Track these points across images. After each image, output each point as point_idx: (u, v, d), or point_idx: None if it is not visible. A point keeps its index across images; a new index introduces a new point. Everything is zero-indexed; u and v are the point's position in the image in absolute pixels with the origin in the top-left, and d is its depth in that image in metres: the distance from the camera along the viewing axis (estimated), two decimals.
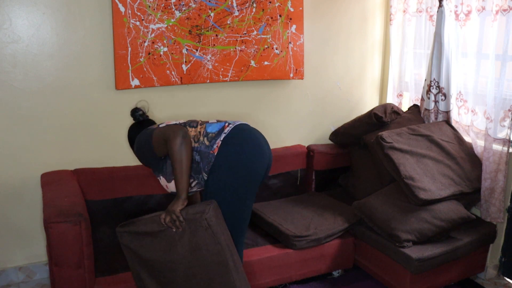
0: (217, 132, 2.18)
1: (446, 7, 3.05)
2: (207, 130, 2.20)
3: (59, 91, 2.79)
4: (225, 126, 2.20)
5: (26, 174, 2.80)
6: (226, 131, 2.17)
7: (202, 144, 2.17)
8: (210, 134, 2.18)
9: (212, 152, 2.14)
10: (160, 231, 2.09)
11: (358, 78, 3.75)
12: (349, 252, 2.94)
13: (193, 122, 2.28)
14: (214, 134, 2.17)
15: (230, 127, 2.19)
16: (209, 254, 2.07)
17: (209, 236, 2.05)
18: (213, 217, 2.04)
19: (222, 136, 2.16)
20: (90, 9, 2.76)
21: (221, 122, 2.24)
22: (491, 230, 2.88)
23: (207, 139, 2.17)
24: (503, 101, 2.84)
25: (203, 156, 2.15)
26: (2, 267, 2.87)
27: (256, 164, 2.17)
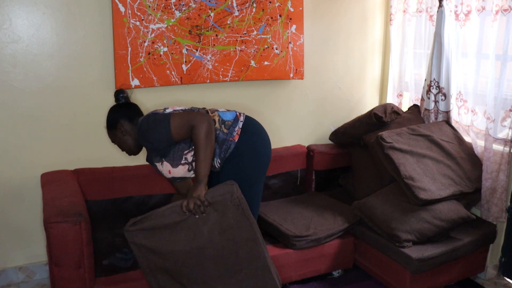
0: (233, 120, 2.29)
1: (446, 7, 3.05)
2: (223, 118, 2.29)
3: (59, 91, 2.79)
4: (238, 115, 2.33)
5: (26, 174, 2.80)
6: (242, 119, 2.31)
7: (220, 131, 2.25)
8: (226, 121, 2.28)
9: (232, 139, 2.24)
10: (181, 221, 2.07)
11: (358, 78, 3.75)
12: (349, 252, 2.94)
13: (202, 110, 2.36)
14: (231, 122, 2.28)
15: (243, 116, 2.33)
16: (240, 232, 2.12)
17: (240, 213, 2.11)
18: (241, 194, 2.12)
19: (240, 124, 2.28)
20: (90, 9, 2.76)
21: (232, 111, 2.35)
22: (491, 230, 2.88)
23: (225, 127, 2.26)
24: (504, 101, 2.84)
25: (220, 143, 2.24)
26: (2, 267, 2.87)
27: (268, 152, 2.35)
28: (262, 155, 2.32)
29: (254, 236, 2.15)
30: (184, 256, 2.11)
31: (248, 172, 2.28)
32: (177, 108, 2.33)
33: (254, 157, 2.29)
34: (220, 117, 2.29)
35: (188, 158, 2.25)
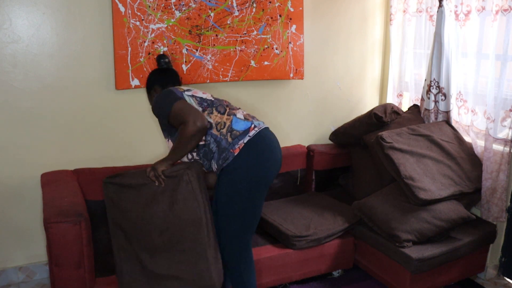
0: (242, 132, 2.18)
1: (446, 7, 3.05)
2: (233, 126, 2.19)
3: (59, 91, 2.79)
4: (251, 128, 2.20)
5: (26, 174, 2.80)
6: (251, 134, 2.18)
7: (224, 138, 2.18)
8: (234, 131, 2.18)
9: (233, 151, 2.15)
10: (144, 185, 2.21)
11: (358, 78, 3.75)
12: (349, 252, 2.94)
13: (221, 107, 2.28)
14: (239, 133, 2.17)
15: (255, 131, 2.20)
16: (186, 209, 2.17)
17: (188, 191, 2.16)
18: (195, 173, 2.17)
19: (246, 139, 2.16)
20: (90, 9, 2.76)
21: (248, 122, 2.23)
22: (491, 230, 2.88)
23: (231, 136, 2.17)
24: (504, 101, 2.84)
25: (220, 150, 2.17)
26: (2, 267, 2.87)
27: (270, 172, 2.22)
28: (260, 178, 2.19)
29: (199, 221, 2.17)
30: (137, 219, 2.23)
31: (240, 191, 2.18)
32: (198, 95, 2.30)
33: (249, 178, 2.17)
34: (231, 123, 2.21)
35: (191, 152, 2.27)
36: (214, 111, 2.25)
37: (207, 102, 2.27)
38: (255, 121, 2.26)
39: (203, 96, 2.31)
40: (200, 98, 2.28)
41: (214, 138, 2.19)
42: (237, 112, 2.28)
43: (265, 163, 2.19)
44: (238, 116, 2.25)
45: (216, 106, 2.27)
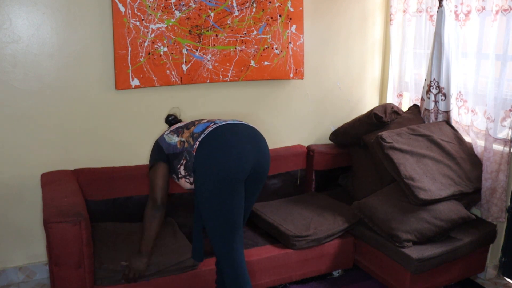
0: (200, 133, 2.22)
1: (446, 7, 3.05)
2: (194, 130, 2.26)
3: (59, 91, 2.79)
4: (208, 127, 2.23)
5: (26, 174, 2.80)
6: (206, 132, 2.21)
7: (189, 145, 2.23)
8: (195, 134, 2.24)
9: (192, 152, 2.20)
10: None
11: (358, 78, 3.75)
12: (349, 252, 2.94)
13: (191, 123, 2.35)
14: (197, 135, 2.22)
15: (211, 128, 2.22)
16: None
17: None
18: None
19: (201, 137, 2.20)
20: (90, 9, 2.76)
21: (209, 122, 2.28)
22: (491, 230, 2.88)
23: (192, 139, 2.23)
24: (504, 101, 2.84)
25: (189, 154, 2.22)
26: (2, 267, 2.87)
27: (233, 166, 2.14)
28: (222, 172, 2.12)
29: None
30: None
31: (207, 187, 2.16)
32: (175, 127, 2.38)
33: (210, 174, 2.14)
34: (193, 129, 2.26)
35: (181, 172, 2.28)
36: (184, 130, 2.31)
37: (181, 128, 2.35)
38: (219, 120, 2.29)
39: (179, 125, 2.39)
40: (176, 128, 2.37)
41: (185, 150, 2.24)
42: (203, 120, 2.34)
43: (223, 157, 2.14)
44: (202, 122, 2.31)
45: (187, 125, 2.34)
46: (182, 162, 2.26)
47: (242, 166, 2.17)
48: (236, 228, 2.24)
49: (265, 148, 2.30)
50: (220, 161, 2.14)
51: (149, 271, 2.40)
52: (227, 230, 2.23)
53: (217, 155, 2.15)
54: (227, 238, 2.23)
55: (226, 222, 2.21)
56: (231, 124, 2.27)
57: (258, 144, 2.26)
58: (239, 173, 2.17)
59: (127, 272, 2.33)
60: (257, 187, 2.34)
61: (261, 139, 2.30)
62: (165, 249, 2.52)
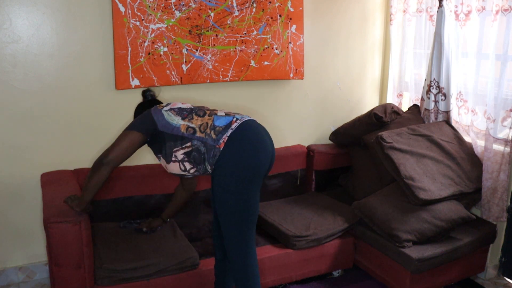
0: (224, 127, 2.18)
1: (446, 7, 3.05)
2: (215, 123, 2.21)
3: (59, 91, 2.79)
4: (233, 122, 2.20)
5: (26, 174, 2.80)
6: (233, 127, 2.18)
7: (209, 137, 2.18)
8: (217, 127, 2.19)
9: (218, 146, 2.16)
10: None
11: (358, 78, 3.75)
12: (349, 252, 2.94)
13: (200, 111, 2.29)
14: (221, 129, 2.18)
15: (237, 123, 2.19)
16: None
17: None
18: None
19: (229, 132, 2.16)
20: (90, 9, 2.76)
21: (229, 116, 2.24)
22: (491, 230, 2.88)
23: (214, 133, 2.18)
24: (504, 101, 2.84)
25: (208, 148, 2.18)
26: (2, 267, 2.87)
27: (259, 162, 2.18)
28: (250, 168, 2.15)
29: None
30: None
31: (233, 182, 2.15)
32: (177, 106, 2.32)
33: (239, 170, 2.15)
34: (212, 121, 2.23)
35: (177, 156, 2.24)
36: (194, 116, 2.26)
37: (186, 111, 2.29)
38: (238, 115, 2.26)
39: (182, 106, 2.33)
40: (179, 109, 2.30)
41: (200, 140, 2.19)
42: (217, 112, 2.31)
43: (252, 152, 2.16)
44: (219, 114, 2.27)
45: (196, 111, 2.29)
46: (184, 147, 2.22)
47: (267, 162, 2.22)
48: (254, 226, 2.27)
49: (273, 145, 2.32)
50: (253, 155, 2.15)
51: (149, 271, 2.40)
52: (247, 227, 2.24)
53: (250, 150, 2.15)
54: (246, 236, 2.25)
55: (247, 218, 2.23)
56: (251, 121, 2.26)
57: (272, 143, 2.30)
58: (264, 169, 2.21)
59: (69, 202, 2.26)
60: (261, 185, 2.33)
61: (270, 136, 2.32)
62: (165, 249, 2.52)
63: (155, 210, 2.92)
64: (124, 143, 2.23)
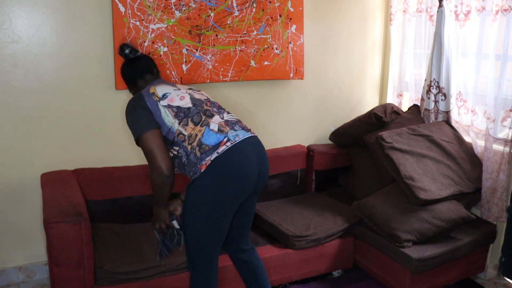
0: (211, 148, 2.05)
1: (446, 7, 3.05)
2: (202, 140, 2.08)
3: (59, 91, 2.79)
4: (221, 144, 2.06)
5: (26, 174, 2.80)
6: (219, 151, 2.04)
7: (193, 152, 2.08)
8: (203, 145, 2.07)
9: (199, 166, 2.06)
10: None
11: (358, 78, 3.75)
12: (349, 252, 2.94)
13: (197, 116, 2.15)
14: (208, 148, 2.06)
15: (225, 147, 2.05)
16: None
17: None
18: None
19: (213, 156, 2.03)
20: (90, 9, 2.76)
21: (221, 135, 2.09)
22: (491, 230, 2.88)
23: (199, 150, 2.06)
24: (504, 101, 2.84)
25: (190, 164, 2.09)
26: (2, 267, 2.87)
27: (237, 192, 2.11)
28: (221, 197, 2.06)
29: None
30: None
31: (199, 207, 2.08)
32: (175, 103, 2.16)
33: (211, 196, 2.06)
34: (202, 135, 2.08)
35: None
36: (189, 122, 2.13)
37: (183, 112, 2.14)
38: (231, 133, 2.11)
39: (180, 104, 2.16)
40: (177, 108, 2.15)
41: (185, 152, 2.10)
42: (212, 122, 2.14)
43: (233, 183, 2.07)
44: (211, 127, 2.11)
45: (192, 115, 2.15)
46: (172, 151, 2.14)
47: (248, 189, 2.14)
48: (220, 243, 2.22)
49: (266, 160, 2.24)
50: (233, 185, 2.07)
51: (150, 272, 2.40)
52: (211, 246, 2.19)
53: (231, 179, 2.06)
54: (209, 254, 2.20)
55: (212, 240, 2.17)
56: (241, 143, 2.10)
57: (263, 158, 2.20)
58: (242, 196, 2.15)
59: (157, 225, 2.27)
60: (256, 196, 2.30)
61: (264, 152, 2.23)
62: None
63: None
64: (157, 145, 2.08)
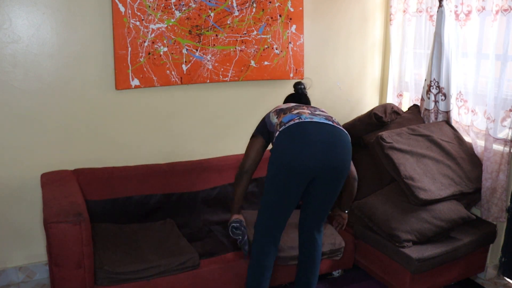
0: (285, 123, 2.34)
1: (446, 7, 3.05)
2: (283, 120, 2.38)
3: (59, 91, 2.79)
4: (292, 120, 2.32)
5: (26, 174, 2.80)
6: (287, 125, 2.31)
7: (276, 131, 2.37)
8: (282, 123, 2.36)
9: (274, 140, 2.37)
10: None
11: (358, 78, 3.75)
12: (349, 252, 2.94)
13: (287, 109, 2.44)
14: (283, 124, 2.34)
15: (293, 122, 2.31)
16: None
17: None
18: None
19: (282, 127, 2.33)
20: (90, 9, 2.76)
21: (294, 115, 2.36)
22: (491, 230, 2.88)
23: (279, 126, 2.37)
24: (504, 101, 2.84)
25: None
26: (2, 267, 2.87)
27: (297, 162, 2.25)
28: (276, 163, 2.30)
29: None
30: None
31: (269, 176, 2.35)
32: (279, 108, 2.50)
33: (276, 164, 2.31)
34: (283, 118, 2.38)
35: None
36: (282, 114, 2.42)
37: (282, 110, 2.45)
38: (305, 116, 2.34)
39: (283, 107, 2.50)
40: (279, 109, 2.48)
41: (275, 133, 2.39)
42: (295, 110, 2.42)
43: (290, 151, 2.26)
44: (293, 112, 2.39)
45: (284, 110, 2.44)
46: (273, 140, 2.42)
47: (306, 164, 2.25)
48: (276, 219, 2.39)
49: (340, 152, 2.32)
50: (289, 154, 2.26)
51: (150, 272, 2.39)
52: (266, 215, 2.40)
53: (288, 148, 2.28)
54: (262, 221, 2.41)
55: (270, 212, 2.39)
56: (311, 123, 2.31)
57: (332, 146, 2.29)
58: (305, 170, 2.26)
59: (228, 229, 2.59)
60: (325, 191, 2.36)
61: (339, 142, 2.32)
62: (166, 251, 2.52)
63: (155, 210, 2.92)
64: (251, 151, 2.53)
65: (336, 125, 2.37)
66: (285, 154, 2.27)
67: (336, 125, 2.36)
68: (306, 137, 2.27)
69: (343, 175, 2.36)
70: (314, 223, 2.47)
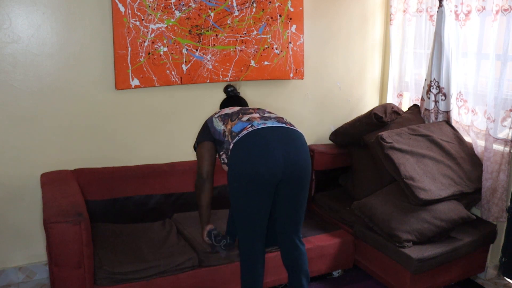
0: (237, 133, 2.27)
1: (446, 7, 3.05)
2: (233, 129, 2.31)
3: (59, 91, 2.79)
4: (245, 129, 2.26)
5: (26, 174, 2.80)
6: (240, 135, 2.25)
7: (227, 140, 2.32)
8: (233, 133, 2.30)
9: (229, 150, 2.29)
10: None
11: (358, 78, 3.75)
12: (349, 252, 2.94)
13: (234, 115, 2.39)
14: (235, 134, 2.28)
15: (246, 131, 2.25)
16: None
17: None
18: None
19: (235, 139, 2.25)
20: (90, 9, 2.76)
21: (246, 123, 2.30)
22: (491, 230, 2.88)
23: (231, 137, 2.30)
24: (504, 101, 2.84)
25: (227, 151, 2.31)
26: (2, 267, 2.87)
27: (259, 170, 2.18)
28: (237, 175, 2.22)
29: None
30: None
31: (231, 190, 2.28)
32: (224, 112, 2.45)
33: (236, 176, 2.23)
34: (232, 127, 2.32)
35: (224, 159, 2.38)
36: (229, 121, 2.37)
37: (228, 116, 2.40)
38: (257, 122, 2.28)
39: (228, 112, 2.45)
40: (224, 115, 2.43)
41: (226, 142, 2.32)
42: (246, 116, 2.36)
43: (250, 161, 2.20)
44: (243, 119, 2.33)
45: (231, 116, 2.39)
46: (224, 151, 2.36)
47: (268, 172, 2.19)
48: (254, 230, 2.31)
49: (299, 152, 2.28)
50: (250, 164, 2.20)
51: (150, 272, 2.40)
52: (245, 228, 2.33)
53: (247, 157, 2.22)
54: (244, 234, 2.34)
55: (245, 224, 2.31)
56: (264, 129, 2.27)
57: (291, 148, 2.26)
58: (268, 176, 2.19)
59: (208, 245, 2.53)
60: (292, 193, 2.31)
61: (299, 144, 2.30)
62: (165, 251, 2.52)
63: (155, 210, 2.92)
64: (204, 155, 2.43)
65: (289, 126, 2.34)
66: (246, 167, 2.20)
67: (289, 127, 2.34)
68: (263, 145, 2.21)
69: (307, 174, 2.31)
70: (292, 227, 2.37)
